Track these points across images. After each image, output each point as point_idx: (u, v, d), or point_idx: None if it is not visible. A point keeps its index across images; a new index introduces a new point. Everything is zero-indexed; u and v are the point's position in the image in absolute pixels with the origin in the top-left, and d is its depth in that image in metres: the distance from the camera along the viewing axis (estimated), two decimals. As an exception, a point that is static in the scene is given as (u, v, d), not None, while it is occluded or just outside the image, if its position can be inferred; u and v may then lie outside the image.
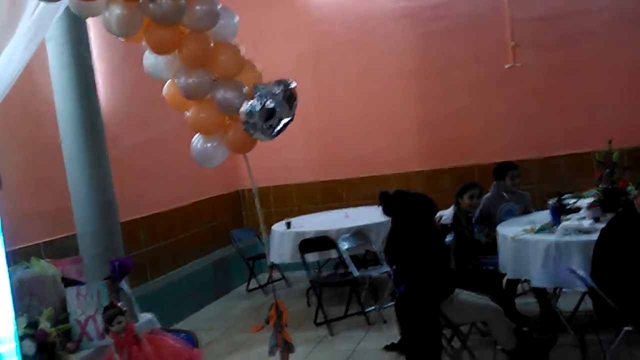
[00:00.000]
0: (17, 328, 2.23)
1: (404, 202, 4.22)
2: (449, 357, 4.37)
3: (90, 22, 4.30)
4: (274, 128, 3.17)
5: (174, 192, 6.95)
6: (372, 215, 6.28)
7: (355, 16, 7.78)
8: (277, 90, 3.17)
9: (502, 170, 5.74)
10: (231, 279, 7.77)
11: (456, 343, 4.44)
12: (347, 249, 6.02)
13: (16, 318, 2.11)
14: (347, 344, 5.35)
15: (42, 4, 3.24)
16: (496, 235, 5.01)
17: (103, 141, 4.25)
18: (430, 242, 4.12)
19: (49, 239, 4.91)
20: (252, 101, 3.12)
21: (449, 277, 4.21)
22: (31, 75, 4.43)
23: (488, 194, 5.68)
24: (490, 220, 5.49)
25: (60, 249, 4.84)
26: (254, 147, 3.32)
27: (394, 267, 4.29)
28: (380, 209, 4.30)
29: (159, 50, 2.99)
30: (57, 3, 3.10)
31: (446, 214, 5.29)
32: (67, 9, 3.34)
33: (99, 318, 2.98)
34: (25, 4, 3.24)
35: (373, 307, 5.94)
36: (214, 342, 5.75)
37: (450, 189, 7.43)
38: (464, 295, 4.19)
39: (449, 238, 4.97)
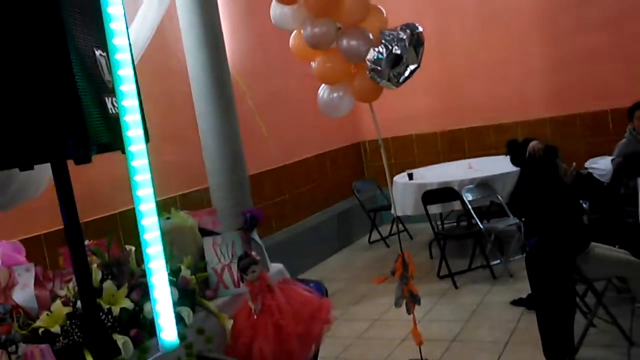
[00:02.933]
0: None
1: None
2: (582, 313, 4.17)
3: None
4: (401, 75, 3.10)
5: (297, 144, 7.06)
6: (497, 165, 6.06)
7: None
8: (404, 35, 3.07)
9: (631, 111, 5.21)
10: (353, 230, 7.84)
11: (590, 300, 4.22)
12: (471, 201, 5.86)
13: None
14: (471, 297, 5.26)
15: (171, -38, 3.31)
16: (637, 184, 4.65)
17: (231, 95, 4.35)
18: (561, 193, 3.90)
19: (184, 192, 5.17)
20: (378, 48, 3.05)
21: (583, 230, 3.97)
22: (163, 34, 4.60)
23: (623, 140, 5.22)
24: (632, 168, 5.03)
25: (194, 201, 5.09)
26: (379, 96, 3.27)
27: (523, 219, 4.11)
28: (508, 158, 4.11)
29: (284, 0, 2.98)
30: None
31: (601, 167, 4.79)
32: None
33: (234, 267, 3.09)
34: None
35: (498, 261, 5.78)
36: (338, 293, 5.86)
37: (582, 136, 7.01)
38: (600, 248, 3.95)
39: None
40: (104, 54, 1.75)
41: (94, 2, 1.65)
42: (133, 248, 3.00)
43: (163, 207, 3.66)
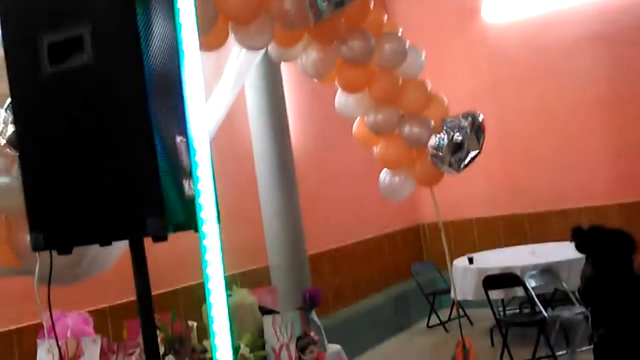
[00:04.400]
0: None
1: (601, 238, 3.92)
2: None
3: (282, 65, 4.60)
4: (462, 161, 3.16)
5: (356, 226, 7.11)
6: (561, 251, 5.91)
7: (540, 44, 7.49)
8: (465, 122, 3.15)
9: None
10: (411, 313, 7.70)
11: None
12: (535, 287, 5.71)
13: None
14: (536, 388, 5.04)
15: (243, 51, 3.54)
16: None
17: (294, 178, 4.49)
18: (632, 282, 3.77)
19: (245, 269, 5.26)
20: (440, 134, 3.13)
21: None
22: (232, 118, 4.84)
23: None
24: None
25: (254, 279, 5.16)
26: (440, 181, 3.32)
27: (590, 308, 3.98)
28: (573, 245, 4.03)
29: (350, 89, 3.13)
30: (256, 51, 3.37)
31: None
32: (264, 57, 3.62)
33: (292, 347, 3.10)
34: (230, 52, 3.56)
35: (564, 351, 5.55)
36: (395, 378, 5.72)
37: (652, 224, 6.80)
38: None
39: None
40: (184, 139, 1.88)
41: (179, 98, 1.81)
42: (195, 324, 3.06)
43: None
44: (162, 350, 2.73)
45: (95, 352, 2.89)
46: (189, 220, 1.83)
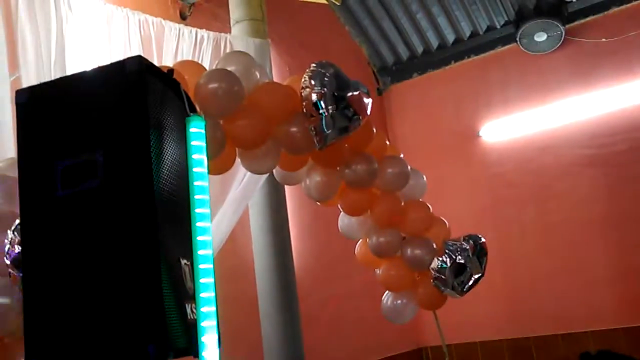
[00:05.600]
0: None
1: (611, 365, 3.82)
2: None
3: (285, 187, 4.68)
4: (465, 284, 3.14)
5: (357, 348, 6.92)
6: (570, 378, 5.72)
7: (538, 165, 7.65)
8: (467, 245, 3.17)
9: None
10: None
11: None
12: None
13: None
14: None
15: (248, 174, 3.63)
16: None
17: (295, 299, 4.44)
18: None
19: (242, 394, 5.06)
20: (442, 257, 3.14)
21: None
22: (234, 239, 4.85)
23: None
24: None
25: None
26: (444, 304, 3.28)
27: None
28: (583, 373, 3.92)
29: (352, 212, 3.17)
30: (261, 174, 3.45)
31: None
32: (268, 177, 3.70)
33: None
34: (234, 176, 3.65)
35: None
36: None
37: (663, 350, 6.61)
38: None
39: None
40: (188, 262, 1.89)
41: (185, 221, 1.84)
42: None
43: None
44: None
45: None
46: (190, 346, 1.80)
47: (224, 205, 3.54)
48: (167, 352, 1.66)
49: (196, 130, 1.91)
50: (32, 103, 1.79)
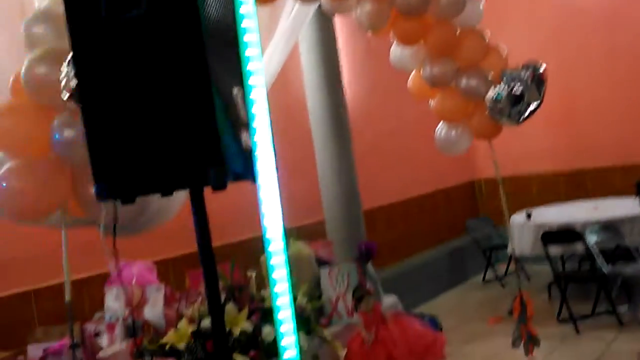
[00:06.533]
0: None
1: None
2: None
3: (336, 20, 4.55)
4: (522, 114, 3.08)
5: (410, 181, 7.08)
6: (624, 207, 5.75)
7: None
8: (525, 74, 3.06)
9: None
10: (466, 268, 7.67)
11: None
12: (596, 243, 5.58)
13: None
14: (594, 344, 4.97)
15: (297, 5, 3.52)
16: None
17: (348, 133, 4.49)
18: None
19: (300, 224, 5.33)
20: (499, 86, 3.06)
21: None
22: (286, 73, 4.84)
23: None
24: None
25: (310, 233, 5.22)
26: (499, 134, 3.26)
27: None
28: (637, 200, 3.92)
29: (405, 41, 3.08)
30: (310, 4, 3.34)
31: None
32: (317, 12, 3.58)
33: (349, 297, 3.16)
34: (284, 6, 3.55)
35: (626, 307, 5.44)
36: (450, 331, 5.71)
37: None
38: None
39: None
40: (241, 91, 1.90)
41: (235, 50, 1.81)
42: (254, 274, 3.15)
43: (281, 238, 3.83)
44: (222, 298, 2.82)
45: (159, 299, 3.02)
46: (248, 171, 1.85)
47: (273, 38, 3.48)
48: (225, 175, 1.73)
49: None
50: None
